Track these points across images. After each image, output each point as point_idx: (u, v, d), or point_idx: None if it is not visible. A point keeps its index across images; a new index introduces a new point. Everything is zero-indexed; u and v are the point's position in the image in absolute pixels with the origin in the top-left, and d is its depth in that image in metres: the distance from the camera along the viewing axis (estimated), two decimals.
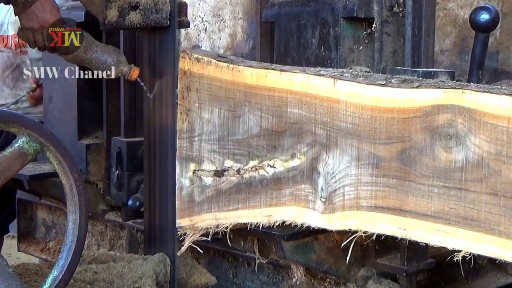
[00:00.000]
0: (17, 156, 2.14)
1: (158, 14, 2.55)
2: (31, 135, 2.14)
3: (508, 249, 1.71)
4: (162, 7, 2.56)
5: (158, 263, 2.60)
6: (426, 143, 1.82)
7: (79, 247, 2.27)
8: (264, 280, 2.94)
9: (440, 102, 1.79)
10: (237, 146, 2.22)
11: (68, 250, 2.24)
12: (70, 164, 2.21)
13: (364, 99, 1.92)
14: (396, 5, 2.49)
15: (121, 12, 2.60)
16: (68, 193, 2.25)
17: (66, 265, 2.22)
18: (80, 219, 2.25)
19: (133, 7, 2.58)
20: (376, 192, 1.92)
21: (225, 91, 2.24)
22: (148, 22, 2.57)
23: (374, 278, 2.62)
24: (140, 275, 2.58)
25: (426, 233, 1.84)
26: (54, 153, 2.19)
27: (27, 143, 2.15)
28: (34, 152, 2.17)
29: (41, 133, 2.17)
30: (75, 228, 2.26)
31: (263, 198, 2.17)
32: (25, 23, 2.65)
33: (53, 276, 2.23)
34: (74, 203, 2.25)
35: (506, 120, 1.68)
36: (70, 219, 2.27)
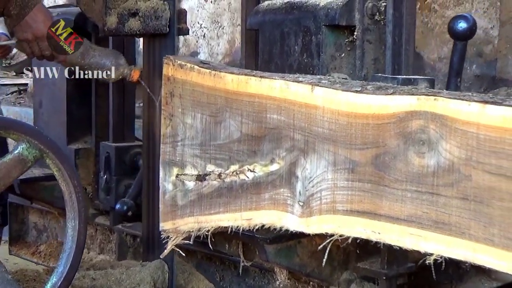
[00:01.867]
0: (17, 162, 2.15)
1: (157, 21, 2.58)
2: (31, 142, 2.15)
3: (478, 253, 1.75)
4: (161, 14, 2.59)
5: (156, 270, 2.65)
6: (400, 148, 1.85)
7: (78, 254, 2.27)
8: (250, 283, 2.98)
9: (413, 108, 1.83)
10: (219, 151, 2.26)
11: (67, 257, 2.25)
12: (69, 171, 2.23)
13: (341, 105, 1.96)
14: (378, 13, 2.53)
15: (121, 18, 2.64)
16: (67, 199, 2.26)
17: (65, 271, 2.24)
18: (79, 225, 2.26)
19: (133, 14, 2.62)
20: (351, 196, 1.96)
21: (207, 96, 2.28)
22: (148, 29, 2.61)
23: (357, 281, 2.66)
24: (138, 281, 2.62)
25: (400, 237, 1.87)
26: (54, 160, 2.20)
27: (26, 149, 2.16)
28: (34, 158, 2.19)
29: (41, 140, 2.18)
30: (74, 234, 2.26)
31: (243, 202, 2.20)
32: (20, 35, 2.69)
33: (52, 282, 2.24)
34: (73, 210, 2.25)
35: (475, 126, 1.72)
36: (69, 225, 2.27)
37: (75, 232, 2.27)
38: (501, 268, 1.72)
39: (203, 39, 6.47)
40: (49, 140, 2.22)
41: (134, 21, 2.62)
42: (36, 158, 2.20)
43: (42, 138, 2.20)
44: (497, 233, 1.70)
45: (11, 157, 2.16)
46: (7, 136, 2.19)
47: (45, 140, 2.21)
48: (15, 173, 2.19)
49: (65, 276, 2.24)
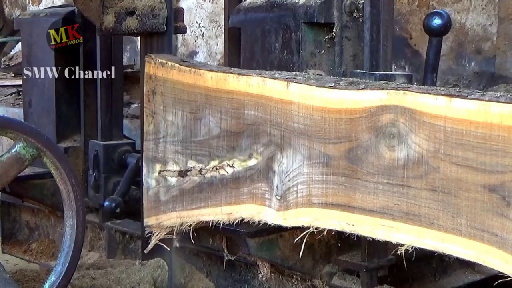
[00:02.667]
0: (14, 161, 2.15)
1: (154, 20, 2.60)
2: (28, 141, 2.14)
3: (447, 242, 1.80)
4: (158, 13, 2.61)
5: (155, 269, 2.67)
6: (372, 142, 1.90)
7: (76, 253, 2.25)
8: (236, 277, 3.02)
9: (384, 103, 1.88)
10: (199, 147, 2.31)
11: (66, 256, 2.24)
12: (67, 170, 2.22)
13: (315, 100, 2.01)
14: (356, 10, 2.57)
15: (118, 17, 2.64)
16: (65, 198, 2.25)
17: (64, 270, 2.22)
18: (78, 224, 2.25)
19: (130, 12, 2.63)
20: (326, 189, 2.01)
21: (187, 94, 2.33)
22: (145, 27, 2.62)
23: (339, 274, 2.70)
24: (138, 280, 2.62)
25: (372, 228, 1.92)
26: (51, 159, 2.19)
27: (24, 148, 2.15)
28: (31, 157, 2.18)
29: (38, 139, 2.17)
30: (73, 233, 2.25)
31: (223, 196, 2.25)
32: None
33: (51, 282, 2.22)
34: (71, 209, 2.25)
35: (443, 120, 1.77)
36: (67, 224, 2.26)
37: (73, 230, 2.26)
38: (468, 257, 1.77)
39: (202, 38, 6.50)
40: (46, 139, 2.23)
41: (132, 20, 2.64)
42: (34, 157, 2.19)
43: (40, 137, 2.20)
44: (464, 223, 1.76)
45: (8, 156, 2.15)
46: (4, 135, 2.18)
47: (42, 138, 2.20)
48: (12, 172, 2.17)
49: (63, 274, 2.23)
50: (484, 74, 3.87)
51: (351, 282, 2.67)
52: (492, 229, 1.71)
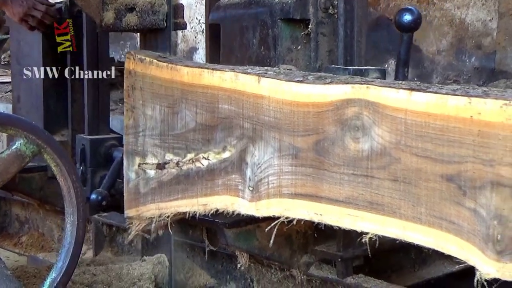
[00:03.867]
0: (15, 158, 2.12)
1: (154, 16, 2.62)
2: (28, 137, 2.12)
3: (408, 230, 1.86)
4: (158, 9, 2.62)
5: (156, 265, 2.69)
6: (337, 134, 1.97)
7: (77, 249, 2.24)
8: (218, 268, 3.10)
9: (349, 96, 1.94)
10: (176, 140, 2.38)
11: (66, 252, 2.22)
12: (67, 166, 2.21)
13: (285, 94, 2.08)
14: (331, 6, 2.64)
15: (118, 14, 2.65)
16: (65, 195, 2.24)
17: (64, 267, 2.21)
18: (78, 220, 2.24)
19: (130, 9, 2.64)
20: (295, 180, 2.07)
21: (165, 89, 2.40)
22: (145, 24, 2.63)
23: (316, 264, 2.78)
24: (138, 276, 2.63)
25: (339, 218, 1.99)
26: (52, 155, 2.17)
27: (24, 145, 2.13)
28: (32, 154, 2.15)
29: (39, 135, 2.16)
30: (73, 229, 2.24)
31: (199, 188, 2.32)
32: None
33: (52, 278, 2.21)
34: (72, 205, 2.24)
35: (403, 112, 1.83)
36: (68, 221, 2.25)
37: (74, 227, 2.24)
38: (428, 244, 1.84)
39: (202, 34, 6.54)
40: (47, 135, 2.21)
41: (131, 16, 2.65)
42: (34, 154, 2.17)
43: (40, 134, 2.18)
44: (424, 211, 1.83)
45: (9, 153, 2.13)
46: (4, 131, 2.16)
47: (43, 135, 2.19)
48: (13, 168, 2.15)
49: (64, 271, 2.21)
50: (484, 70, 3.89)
51: (328, 271, 2.75)
52: (449, 217, 1.78)
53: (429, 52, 4.18)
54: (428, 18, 4.22)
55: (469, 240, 1.76)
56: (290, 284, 2.85)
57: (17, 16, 3.28)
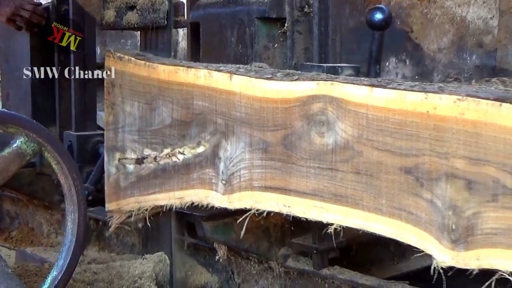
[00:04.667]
0: (15, 156, 2.13)
1: (155, 14, 2.65)
2: (29, 136, 2.12)
3: (370, 221, 1.94)
4: (159, 7, 2.63)
5: (157, 263, 2.71)
6: (304, 129, 2.04)
7: (78, 247, 2.23)
8: (201, 261, 3.17)
9: (314, 92, 2.02)
10: (154, 135, 2.45)
11: (67, 250, 2.21)
12: (68, 164, 2.20)
13: (255, 91, 2.15)
14: (307, 5, 2.71)
15: (119, 12, 2.69)
16: (66, 193, 2.22)
17: (66, 265, 2.20)
18: (79, 219, 2.22)
19: (130, 7, 2.66)
20: (265, 174, 2.15)
21: (142, 86, 2.47)
22: (145, 22, 2.64)
23: (293, 256, 2.85)
24: (139, 274, 2.64)
25: (306, 209, 2.07)
26: (52, 153, 2.18)
27: (25, 143, 2.13)
28: (32, 152, 2.16)
29: (39, 134, 2.16)
30: (74, 228, 2.22)
31: (176, 182, 2.39)
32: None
33: (53, 276, 2.21)
34: (72, 203, 2.21)
35: (365, 108, 1.91)
36: (69, 219, 2.23)
37: (75, 225, 2.23)
38: (389, 235, 1.92)
39: None
40: (48, 134, 2.20)
41: (132, 15, 2.68)
42: (35, 152, 2.17)
43: (41, 132, 2.18)
44: (385, 203, 1.90)
45: (9, 151, 2.13)
46: (5, 130, 2.14)
47: (44, 133, 2.18)
48: (13, 166, 2.15)
49: (65, 269, 2.21)
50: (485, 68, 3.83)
51: (304, 263, 2.82)
52: (408, 208, 1.85)
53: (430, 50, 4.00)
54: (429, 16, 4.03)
55: (427, 230, 1.83)
56: (269, 276, 2.92)
57: (4, 16, 3.35)
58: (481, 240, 1.73)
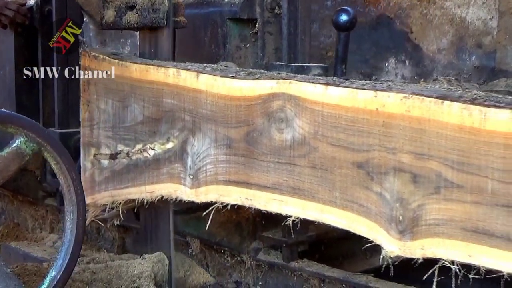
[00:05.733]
0: (15, 156, 2.12)
1: (155, 14, 2.62)
2: (29, 136, 2.12)
3: (325, 213, 2.04)
4: (159, 7, 2.62)
5: (156, 263, 2.69)
6: (265, 126, 2.14)
7: (77, 247, 2.22)
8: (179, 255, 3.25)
9: (274, 91, 2.11)
10: (126, 132, 2.55)
11: (66, 250, 2.20)
12: (67, 165, 2.19)
13: (220, 89, 2.25)
14: (277, 7, 2.81)
15: (118, 12, 2.66)
16: (65, 193, 2.20)
17: (64, 265, 2.19)
18: (78, 219, 2.21)
19: (130, 7, 2.64)
20: (229, 168, 2.25)
21: (116, 84, 2.57)
22: (145, 22, 2.62)
23: (264, 250, 2.94)
24: (138, 274, 2.63)
25: (266, 202, 2.16)
26: (52, 153, 2.16)
27: (24, 143, 2.12)
28: (32, 152, 2.14)
29: (39, 133, 2.15)
30: (73, 228, 2.21)
31: (147, 176, 2.49)
32: None
33: (51, 276, 2.19)
34: (71, 203, 2.21)
35: (320, 105, 2.00)
36: (68, 219, 2.23)
37: (74, 225, 2.22)
38: (342, 226, 2.02)
39: None
40: (47, 134, 2.20)
41: (132, 14, 2.67)
42: (34, 152, 2.16)
43: (40, 132, 2.17)
44: (339, 195, 2.00)
45: (9, 151, 2.13)
46: (4, 130, 2.14)
47: (43, 133, 2.18)
48: (13, 166, 2.14)
49: (64, 269, 2.20)
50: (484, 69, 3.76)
51: (275, 257, 2.90)
52: (359, 201, 1.95)
53: (430, 51, 4.06)
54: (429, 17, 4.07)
55: (377, 221, 1.93)
56: (242, 269, 3.01)
57: None
58: (425, 230, 1.82)
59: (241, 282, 3.00)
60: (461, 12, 3.79)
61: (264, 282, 2.95)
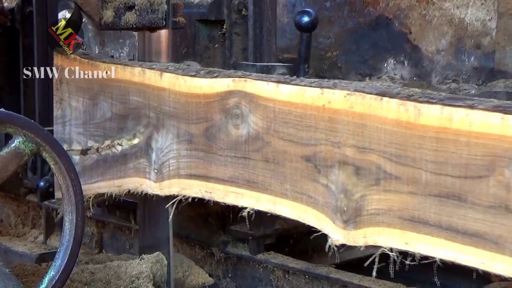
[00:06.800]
0: (13, 156, 2.11)
1: (153, 15, 2.65)
2: (27, 135, 2.11)
3: (278, 205, 2.14)
4: (157, 8, 2.64)
5: (155, 263, 2.72)
6: (222, 122, 2.25)
7: (76, 248, 2.22)
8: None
9: (231, 88, 2.22)
10: (96, 128, 2.66)
11: (65, 251, 2.20)
12: (66, 164, 2.19)
13: (181, 87, 2.36)
14: (244, 8, 2.92)
15: (117, 12, 2.66)
16: (64, 193, 2.21)
17: (63, 265, 2.18)
18: (77, 219, 2.21)
19: (129, 7, 2.65)
20: (190, 163, 2.35)
21: (86, 83, 2.67)
22: (144, 22, 2.63)
23: (232, 242, 3.05)
24: (137, 275, 2.66)
25: (224, 195, 2.27)
26: (50, 153, 2.16)
27: (23, 143, 2.12)
28: (30, 152, 2.14)
29: (37, 133, 2.14)
30: (72, 228, 2.22)
31: (115, 171, 2.60)
32: None
33: (50, 276, 2.18)
34: (70, 203, 2.22)
35: (272, 102, 2.11)
36: (66, 219, 2.24)
37: (73, 225, 2.23)
38: (293, 216, 2.12)
39: None
40: (46, 134, 2.20)
41: (131, 15, 2.67)
42: (33, 152, 2.16)
43: (39, 132, 2.17)
44: (289, 188, 2.10)
45: (7, 151, 2.13)
46: (3, 130, 2.14)
47: (42, 133, 2.17)
48: (11, 166, 2.14)
49: (63, 269, 2.19)
50: (483, 69, 3.81)
51: (243, 249, 3.02)
52: (308, 192, 2.06)
53: (428, 52, 4.06)
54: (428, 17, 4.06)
55: (323, 212, 2.04)
56: (212, 261, 3.12)
57: None
58: (367, 220, 1.93)
59: (211, 274, 3.11)
60: (460, 13, 3.82)
61: (234, 274, 3.06)
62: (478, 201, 1.70)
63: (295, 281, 2.88)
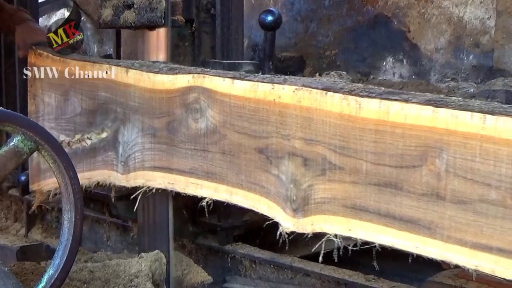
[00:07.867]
0: (12, 155, 2.11)
1: (152, 13, 2.65)
2: (26, 134, 2.11)
3: (234, 195, 2.25)
4: (156, 6, 2.65)
5: (153, 262, 2.73)
6: (183, 116, 2.36)
7: (74, 246, 2.20)
8: (129, 240, 3.47)
9: (190, 84, 2.33)
10: (67, 123, 2.76)
11: (64, 249, 2.19)
12: (65, 163, 2.19)
13: (146, 83, 2.46)
14: (212, 8, 3.02)
15: (116, 11, 2.70)
16: (63, 191, 2.21)
17: (62, 264, 2.17)
18: (76, 217, 2.20)
19: (128, 6, 2.68)
20: (154, 155, 2.46)
21: (58, 79, 2.78)
22: (143, 20, 2.63)
23: (203, 234, 3.15)
24: (135, 273, 2.66)
25: (185, 186, 2.38)
26: (49, 152, 2.16)
27: (22, 142, 2.12)
28: (29, 151, 2.14)
29: (36, 132, 2.14)
30: (71, 226, 2.20)
31: (85, 164, 2.70)
32: None
33: (49, 275, 2.17)
34: (69, 202, 2.20)
35: (228, 97, 2.22)
36: (65, 217, 2.21)
37: (71, 224, 2.20)
38: (248, 206, 2.23)
39: None
40: (45, 132, 2.20)
41: (129, 13, 2.69)
42: (32, 150, 2.16)
43: (38, 130, 2.16)
44: (244, 178, 2.21)
45: (6, 149, 2.13)
46: (2, 128, 2.16)
47: (41, 132, 2.17)
48: (10, 165, 2.14)
49: (62, 268, 2.18)
50: (482, 68, 3.86)
51: (212, 240, 3.12)
52: (261, 183, 2.17)
53: (427, 50, 4.12)
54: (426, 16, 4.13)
55: (275, 201, 2.14)
56: (185, 252, 3.22)
57: None
58: (314, 208, 2.04)
59: None
60: (459, 12, 3.86)
61: (204, 264, 3.16)
62: (412, 189, 1.81)
63: (261, 270, 2.98)
